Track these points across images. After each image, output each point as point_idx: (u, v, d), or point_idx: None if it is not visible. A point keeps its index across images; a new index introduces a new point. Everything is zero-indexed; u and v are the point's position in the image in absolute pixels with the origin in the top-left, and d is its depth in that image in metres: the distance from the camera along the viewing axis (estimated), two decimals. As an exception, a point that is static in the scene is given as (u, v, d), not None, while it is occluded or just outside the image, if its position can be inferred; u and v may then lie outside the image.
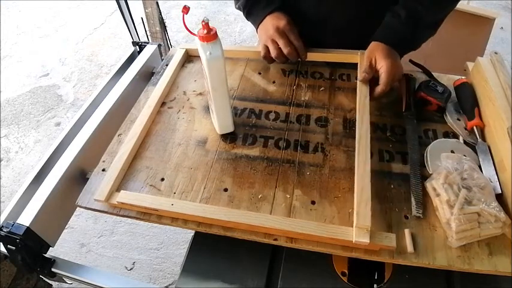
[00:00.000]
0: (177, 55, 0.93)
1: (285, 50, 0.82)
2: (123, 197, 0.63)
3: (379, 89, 0.76)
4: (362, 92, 0.77)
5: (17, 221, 0.65)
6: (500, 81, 0.74)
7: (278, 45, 0.82)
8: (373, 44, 0.82)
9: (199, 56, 0.65)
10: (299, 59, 0.86)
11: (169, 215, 0.62)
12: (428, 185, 0.64)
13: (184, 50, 0.94)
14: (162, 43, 1.22)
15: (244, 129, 0.77)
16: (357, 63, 0.88)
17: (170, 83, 0.87)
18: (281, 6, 0.86)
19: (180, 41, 2.67)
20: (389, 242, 0.56)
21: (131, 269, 1.56)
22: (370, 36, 0.83)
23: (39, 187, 0.71)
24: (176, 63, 0.90)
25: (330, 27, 0.90)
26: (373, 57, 0.79)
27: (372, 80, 0.79)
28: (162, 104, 0.83)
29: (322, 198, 0.64)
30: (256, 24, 0.88)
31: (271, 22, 0.83)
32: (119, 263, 1.58)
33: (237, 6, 0.92)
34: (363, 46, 0.85)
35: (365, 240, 0.56)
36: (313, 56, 0.89)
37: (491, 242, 0.58)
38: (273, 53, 0.83)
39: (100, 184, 0.65)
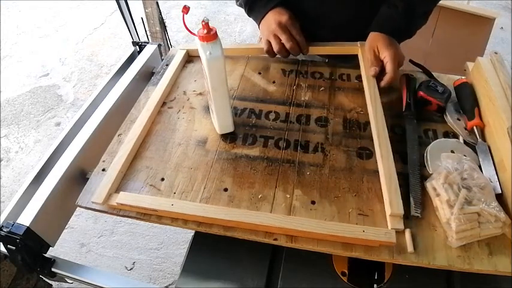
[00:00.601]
0: (177, 56, 0.93)
1: (287, 45, 0.83)
2: (123, 198, 0.63)
3: (387, 77, 0.78)
4: (370, 83, 0.80)
5: (17, 221, 0.65)
6: (500, 81, 0.74)
7: (280, 40, 0.83)
8: (372, 35, 0.84)
9: (199, 56, 0.65)
10: (301, 53, 0.86)
11: (169, 215, 0.62)
12: (428, 184, 0.64)
13: (185, 51, 0.94)
14: (162, 43, 1.22)
15: (244, 129, 0.77)
16: (355, 55, 0.89)
17: (171, 84, 0.87)
18: (282, 2, 0.86)
19: (180, 41, 2.67)
20: (389, 238, 0.56)
21: (131, 269, 1.56)
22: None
23: (39, 187, 0.71)
24: (177, 64, 0.90)
25: (328, 23, 0.91)
26: (375, 48, 0.81)
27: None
28: (162, 104, 0.83)
29: (322, 198, 0.64)
30: (258, 20, 0.88)
31: (273, 17, 0.84)
32: (119, 263, 1.58)
33: (238, 3, 0.92)
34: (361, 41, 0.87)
35: (400, 227, 0.58)
36: (314, 50, 0.90)
37: (491, 242, 0.58)
38: (275, 47, 0.83)
39: (99, 184, 0.65)
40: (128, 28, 1.09)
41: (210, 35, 0.62)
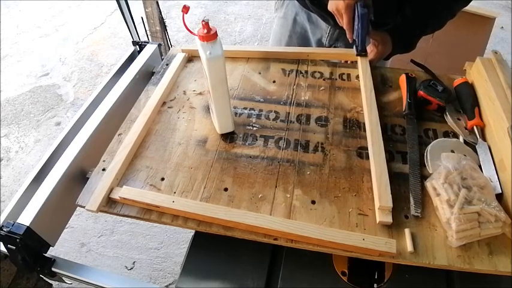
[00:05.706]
0: (178, 57, 0.93)
1: None
2: (126, 192, 0.63)
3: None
4: (367, 85, 0.80)
5: (17, 221, 0.65)
6: (500, 81, 0.74)
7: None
8: None
9: (199, 56, 0.65)
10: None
11: (170, 212, 0.62)
12: (428, 184, 0.64)
13: (185, 54, 0.94)
14: (162, 43, 1.23)
15: (244, 128, 0.77)
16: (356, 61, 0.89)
17: (171, 84, 0.87)
18: None
19: (180, 40, 2.67)
20: (390, 248, 0.56)
21: (131, 268, 1.56)
22: None
23: (39, 187, 0.71)
24: (177, 65, 0.90)
25: None
26: None
27: None
28: (163, 103, 0.83)
29: (322, 198, 0.64)
30: None
31: None
32: (119, 262, 1.58)
33: None
34: None
35: (388, 220, 0.58)
36: (314, 56, 0.91)
37: (491, 242, 0.58)
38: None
39: (96, 188, 0.65)
40: (128, 28, 1.09)
41: (210, 34, 0.62)
